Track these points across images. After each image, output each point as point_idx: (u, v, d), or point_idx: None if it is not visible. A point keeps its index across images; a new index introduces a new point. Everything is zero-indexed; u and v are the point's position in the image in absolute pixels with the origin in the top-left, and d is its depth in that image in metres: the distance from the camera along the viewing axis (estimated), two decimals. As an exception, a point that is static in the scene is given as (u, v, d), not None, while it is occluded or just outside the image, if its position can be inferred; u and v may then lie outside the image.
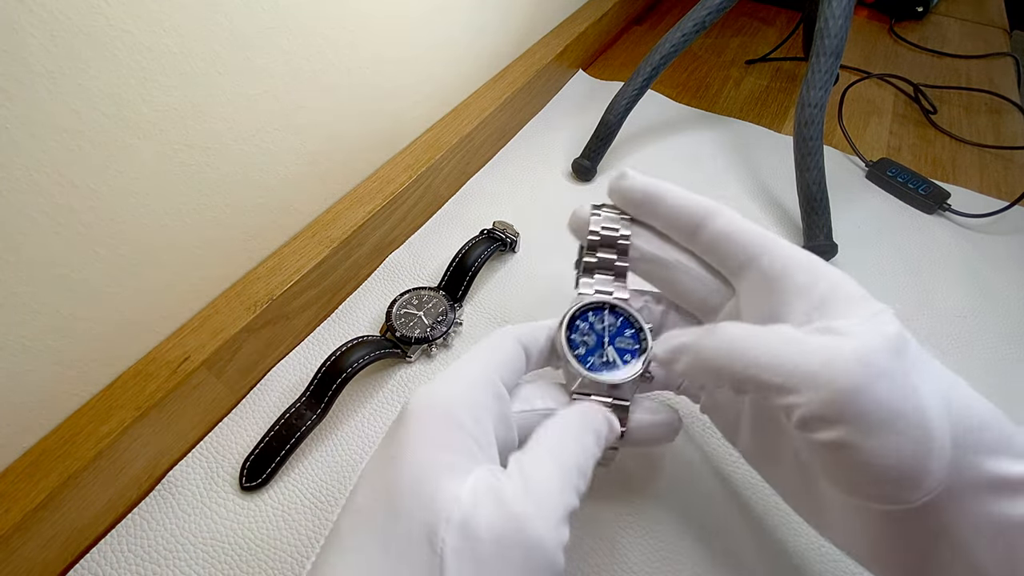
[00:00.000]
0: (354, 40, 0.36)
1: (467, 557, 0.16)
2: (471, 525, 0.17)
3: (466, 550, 0.17)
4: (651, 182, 0.25)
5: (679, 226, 0.25)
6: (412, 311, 0.36)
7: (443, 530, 0.17)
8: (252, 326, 0.32)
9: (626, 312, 0.25)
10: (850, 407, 0.17)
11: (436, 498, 0.17)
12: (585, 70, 0.64)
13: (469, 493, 0.18)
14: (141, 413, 0.27)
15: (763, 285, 0.22)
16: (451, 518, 0.17)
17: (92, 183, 0.25)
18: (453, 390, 0.21)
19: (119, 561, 0.27)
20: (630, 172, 0.26)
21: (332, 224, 0.37)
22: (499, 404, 0.22)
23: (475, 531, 0.17)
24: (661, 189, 0.25)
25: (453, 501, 0.17)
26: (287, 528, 0.28)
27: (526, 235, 0.43)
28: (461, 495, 0.17)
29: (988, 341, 0.37)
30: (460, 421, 0.20)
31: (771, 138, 0.54)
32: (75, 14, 0.22)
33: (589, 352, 0.24)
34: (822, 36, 0.40)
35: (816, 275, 0.21)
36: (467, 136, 0.46)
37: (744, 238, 0.23)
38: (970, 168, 0.52)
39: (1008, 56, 0.67)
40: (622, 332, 0.25)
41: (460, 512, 0.17)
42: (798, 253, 0.22)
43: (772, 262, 0.22)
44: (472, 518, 0.17)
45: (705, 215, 0.24)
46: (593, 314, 0.25)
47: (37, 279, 0.24)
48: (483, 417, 0.20)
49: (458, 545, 0.17)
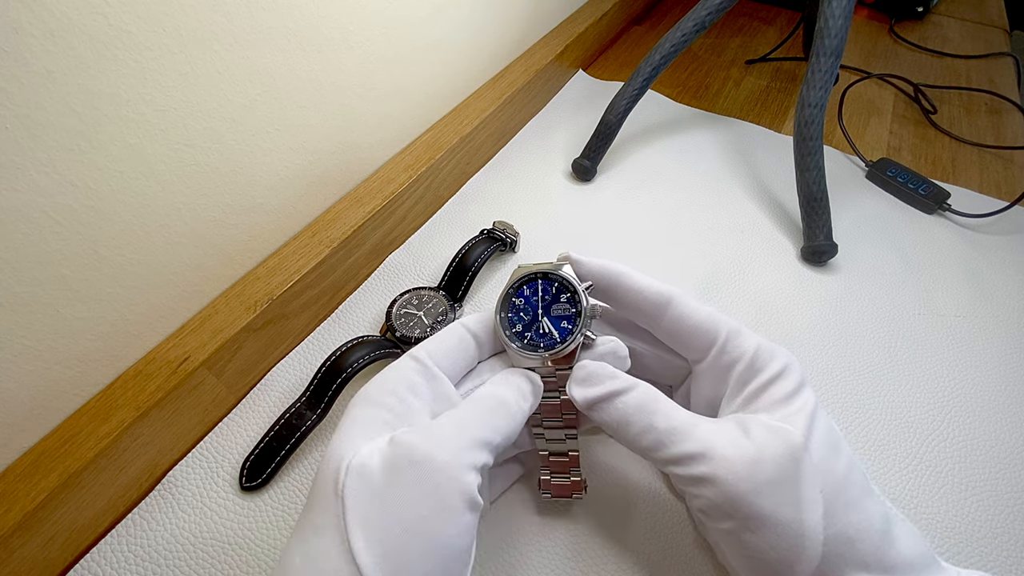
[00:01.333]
0: (354, 40, 0.36)
1: (362, 490, 0.19)
2: (366, 465, 0.20)
3: (361, 486, 0.19)
4: (608, 271, 0.26)
5: (640, 313, 0.26)
6: (412, 311, 0.36)
7: (342, 475, 0.20)
8: (252, 326, 0.32)
9: (559, 278, 0.25)
10: (740, 508, 0.20)
11: (340, 455, 0.20)
12: (585, 70, 0.64)
13: (369, 447, 0.20)
14: (141, 413, 0.27)
15: (710, 372, 0.25)
16: (350, 465, 0.20)
17: (92, 183, 0.25)
18: (380, 379, 0.23)
19: (119, 561, 0.27)
20: (573, 256, 0.26)
21: (332, 224, 0.37)
22: (432, 384, 0.24)
23: (369, 468, 0.20)
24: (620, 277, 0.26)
25: (353, 453, 0.20)
26: (287, 528, 0.28)
27: (526, 235, 0.43)
28: (360, 448, 0.20)
29: (988, 341, 0.37)
30: (379, 401, 0.22)
31: (771, 138, 0.54)
32: (75, 14, 0.22)
33: (526, 327, 0.25)
34: (822, 36, 0.40)
35: (756, 369, 0.23)
36: (467, 136, 0.46)
37: (699, 328, 0.24)
38: (970, 168, 0.52)
39: (1008, 56, 0.67)
40: (558, 299, 0.25)
41: (358, 459, 0.20)
42: (744, 343, 0.24)
43: (720, 354, 0.24)
44: (368, 460, 0.20)
45: (665, 303, 0.25)
46: (528, 287, 0.26)
47: (37, 279, 0.24)
48: (406, 394, 0.23)
49: (354, 484, 0.19)
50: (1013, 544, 0.28)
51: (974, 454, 0.32)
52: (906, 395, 0.34)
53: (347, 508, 0.19)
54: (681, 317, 0.24)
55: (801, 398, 0.22)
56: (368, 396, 0.23)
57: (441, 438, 0.21)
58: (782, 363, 0.23)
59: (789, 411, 0.22)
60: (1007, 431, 0.32)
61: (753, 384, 0.23)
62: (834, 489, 0.20)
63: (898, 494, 0.30)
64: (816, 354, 0.36)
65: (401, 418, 0.22)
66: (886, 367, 0.36)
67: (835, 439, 0.22)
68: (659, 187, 0.48)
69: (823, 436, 0.21)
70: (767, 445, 0.20)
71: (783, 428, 0.21)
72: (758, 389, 0.23)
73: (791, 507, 0.20)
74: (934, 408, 0.34)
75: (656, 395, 0.23)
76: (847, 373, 0.35)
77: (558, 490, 0.27)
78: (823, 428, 0.21)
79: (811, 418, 0.21)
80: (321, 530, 0.19)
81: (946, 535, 0.28)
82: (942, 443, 0.32)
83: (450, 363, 0.25)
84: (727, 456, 0.20)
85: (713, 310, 0.25)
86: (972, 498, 0.30)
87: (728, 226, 0.45)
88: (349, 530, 0.18)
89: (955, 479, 0.30)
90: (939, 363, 0.36)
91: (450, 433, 0.21)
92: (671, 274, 0.41)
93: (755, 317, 0.38)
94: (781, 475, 0.20)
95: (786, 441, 0.20)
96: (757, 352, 0.23)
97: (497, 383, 0.24)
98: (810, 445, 0.20)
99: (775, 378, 0.23)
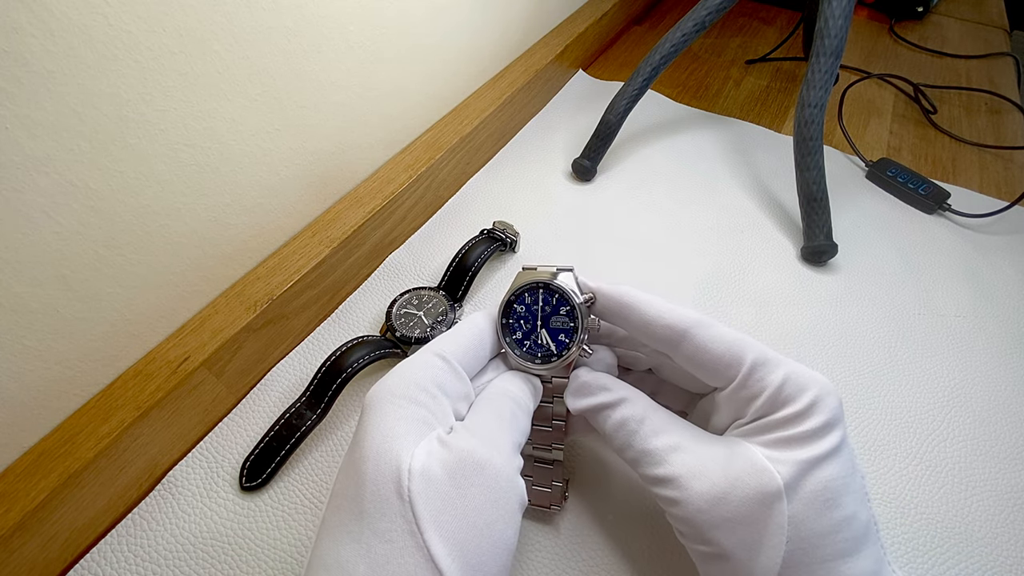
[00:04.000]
0: (354, 40, 0.36)
1: (432, 494, 0.19)
2: (429, 470, 0.19)
3: (429, 489, 0.19)
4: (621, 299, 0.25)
5: (657, 343, 0.24)
6: (412, 311, 0.36)
7: (406, 479, 0.19)
8: (252, 326, 0.32)
9: (560, 290, 0.25)
10: (698, 535, 0.21)
11: (395, 458, 0.20)
12: (585, 70, 0.64)
13: (423, 449, 0.20)
14: (141, 413, 0.27)
15: (730, 401, 0.24)
16: (412, 468, 0.19)
17: (92, 183, 0.25)
18: (405, 373, 0.23)
19: (119, 561, 0.27)
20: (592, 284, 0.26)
21: (332, 224, 0.37)
22: (457, 383, 0.23)
23: (432, 473, 0.19)
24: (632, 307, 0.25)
25: (410, 457, 0.20)
26: (287, 528, 0.28)
27: (526, 235, 0.43)
28: (416, 452, 0.20)
29: (988, 341, 0.37)
30: (413, 397, 0.22)
31: (771, 138, 0.54)
32: (75, 14, 0.22)
33: (525, 336, 0.26)
34: (822, 36, 0.40)
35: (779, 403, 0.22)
36: (467, 136, 0.46)
37: (719, 361, 0.23)
38: (970, 168, 0.52)
39: (1008, 56, 0.67)
40: (557, 311, 0.25)
41: (418, 462, 0.20)
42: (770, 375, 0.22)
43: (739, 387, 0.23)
44: (429, 465, 0.20)
45: (680, 336, 0.23)
46: (529, 295, 0.26)
47: (37, 279, 0.24)
48: (437, 392, 0.22)
49: (421, 488, 0.19)
50: (1013, 544, 0.28)
51: (974, 454, 0.31)
52: (906, 395, 0.34)
53: (418, 514, 0.19)
54: (698, 349, 0.23)
55: (820, 443, 0.20)
56: (400, 392, 0.22)
57: (493, 443, 0.21)
58: (810, 399, 0.21)
59: (794, 455, 0.20)
60: (1007, 431, 0.32)
61: (771, 418, 0.22)
62: (804, 544, 0.19)
63: (898, 494, 0.30)
64: (816, 354, 0.36)
65: (437, 417, 0.22)
66: (886, 367, 0.36)
67: (833, 495, 0.20)
68: (659, 187, 0.48)
69: (817, 488, 0.20)
70: (740, 483, 0.20)
71: (767, 470, 0.20)
72: (775, 424, 0.21)
73: (746, 549, 0.20)
74: (934, 408, 0.34)
75: (643, 414, 0.23)
76: (847, 373, 0.35)
77: (537, 497, 0.27)
78: (824, 478, 0.20)
79: (812, 465, 0.20)
80: (387, 536, 0.18)
81: (946, 535, 0.28)
82: (942, 443, 0.32)
83: (468, 362, 0.25)
84: (693, 488, 0.21)
85: (739, 337, 0.23)
86: (972, 498, 0.30)
87: (728, 226, 0.45)
88: (426, 536, 0.18)
89: (955, 479, 0.30)
90: (939, 363, 0.36)
91: (498, 438, 0.22)
92: (671, 274, 0.41)
93: (755, 317, 0.38)
94: (744, 516, 0.20)
95: (761, 483, 0.20)
96: (783, 385, 0.22)
97: (509, 383, 0.25)
98: (794, 495, 0.20)
99: (798, 416, 0.21)
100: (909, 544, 0.28)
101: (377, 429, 0.21)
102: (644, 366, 0.27)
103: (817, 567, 0.19)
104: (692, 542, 0.22)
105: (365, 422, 0.21)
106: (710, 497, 0.20)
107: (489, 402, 0.24)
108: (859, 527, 0.20)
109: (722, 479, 0.21)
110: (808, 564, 0.19)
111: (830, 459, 0.20)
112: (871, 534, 0.20)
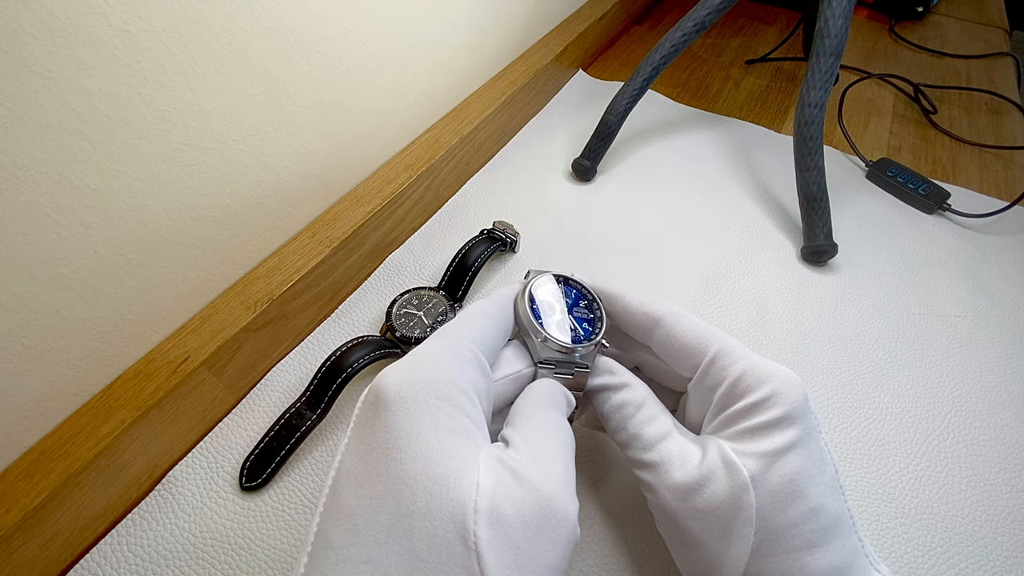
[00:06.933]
0: (354, 40, 0.36)
1: (503, 546, 0.16)
2: (500, 512, 0.16)
3: (500, 539, 0.16)
4: (613, 290, 0.27)
5: (636, 332, 0.26)
6: (412, 311, 0.36)
7: (471, 522, 0.16)
8: (252, 326, 0.32)
9: (578, 285, 0.27)
10: (672, 522, 0.22)
11: (453, 488, 0.16)
12: (585, 70, 0.64)
13: (487, 477, 0.17)
14: (141, 413, 0.27)
15: (697, 391, 0.24)
16: (478, 507, 0.16)
17: (92, 183, 0.25)
18: (438, 365, 0.20)
19: (119, 561, 0.27)
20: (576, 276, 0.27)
21: (332, 224, 0.37)
22: (484, 379, 0.21)
23: (504, 517, 0.16)
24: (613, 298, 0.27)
25: (473, 489, 0.17)
26: (287, 528, 0.28)
27: (526, 235, 0.43)
28: (480, 481, 0.17)
29: (988, 341, 0.37)
30: (454, 400, 0.19)
31: (771, 138, 0.54)
32: (75, 14, 0.22)
33: (548, 323, 0.26)
34: (822, 36, 0.40)
35: (737, 394, 0.22)
36: (467, 136, 0.46)
37: (686, 349, 0.24)
38: (970, 168, 0.52)
39: (1008, 56, 0.67)
40: (577, 303, 0.27)
41: (485, 500, 0.16)
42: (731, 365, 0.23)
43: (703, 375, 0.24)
44: (498, 505, 0.16)
45: (653, 324, 0.25)
46: (550, 285, 0.27)
47: (37, 279, 0.24)
48: (474, 395, 0.20)
49: (491, 536, 0.16)
50: (1013, 544, 0.28)
51: (974, 454, 0.32)
52: (906, 395, 0.34)
53: (486, 564, 0.16)
54: (668, 337, 0.24)
55: (781, 435, 0.20)
56: (436, 390, 0.19)
57: (563, 482, 0.19)
58: (768, 390, 0.21)
59: (756, 447, 0.20)
60: (1007, 431, 0.33)
61: (731, 409, 0.22)
62: (770, 536, 0.20)
63: (898, 494, 0.30)
64: (816, 354, 0.36)
65: (477, 426, 0.20)
66: (886, 367, 0.36)
67: (798, 487, 0.20)
68: (659, 187, 0.48)
69: (784, 480, 0.20)
70: (712, 477, 0.21)
71: (734, 464, 0.20)
72: (735, 415, 0.22)
73: (717, 539, 0.20)
74: (934, 408, 0.34)
75: (641, 400, 0.24)
76: (847, 373, 0.35)
77: None
78: (788, 471, 0.20)
79: (776, 456, 0.20)
80: None
81: (946, 535, 0.28)
82: (942, 443, 0.32)
83: (489, 352, 0.23)
84: (671, 477, 0.21)
85: (708, 328, 0.24)
86: (972, 498, 0.30)
87: (728, 226, 0.45)
88: None
89: (955, 479, 0.31)
90: (939, 363, 0.36)
91: (563, 473, 0.20)
92: (671, 274, 0.41)
93: (755, 317, 0.38)
94: (716, 508, 0.20)
95: (732, 478, 0.20)
96: (742, 376, 0.22)
97: (553, 392, 0.23)
98: (760, 488, 0.20)
99: (756, 406, 0.21)
100: (909, 544, 0.28)
101: (420, 442, 0.17)
102: (630, 363, 0.28)
103: (783, 557, 0.19)
104: (668, 531, 0.22)
105: (396, 427, 0.18)
106: (685, 488, 0.21)
107: (545, 419, 0.21)
108: (827, 519, 0.20)
109: (697, 471, 0.21)
110: (775, 555, 0.20)
111: (793, 451, 0.20)
112: (843, 526, 0.20)
